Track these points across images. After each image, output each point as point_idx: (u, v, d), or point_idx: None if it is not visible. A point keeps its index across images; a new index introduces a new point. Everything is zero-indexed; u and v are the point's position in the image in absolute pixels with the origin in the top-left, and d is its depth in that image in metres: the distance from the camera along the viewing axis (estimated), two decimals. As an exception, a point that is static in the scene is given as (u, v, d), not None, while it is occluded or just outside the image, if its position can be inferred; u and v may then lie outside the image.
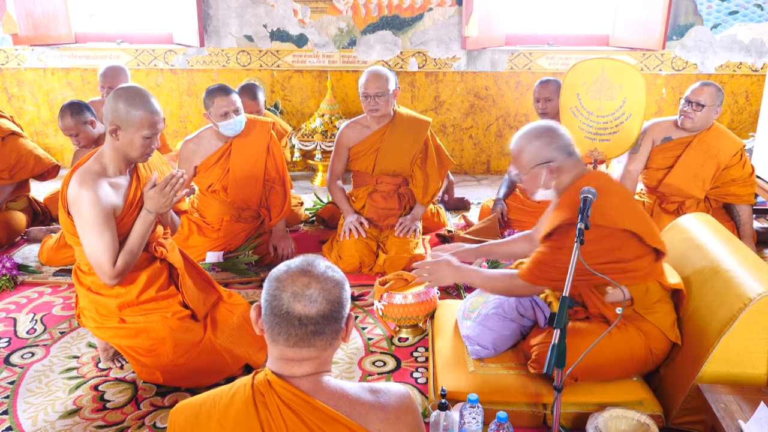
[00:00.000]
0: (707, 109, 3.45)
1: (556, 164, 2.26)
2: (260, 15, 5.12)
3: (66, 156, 5.48)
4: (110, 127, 2.28)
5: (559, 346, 1.70)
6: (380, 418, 1.31)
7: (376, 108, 3.47)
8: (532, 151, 2.28)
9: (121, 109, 2.27)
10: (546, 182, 2.28)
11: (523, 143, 2.31)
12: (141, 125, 2.28)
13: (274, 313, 1.31)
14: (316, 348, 1.32)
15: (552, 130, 2.29)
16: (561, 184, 2.29)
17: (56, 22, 5.25)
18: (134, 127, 2.28)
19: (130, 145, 2.31)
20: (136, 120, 2.27)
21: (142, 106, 2.28)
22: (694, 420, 2.17)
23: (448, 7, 5.02)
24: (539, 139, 2.27)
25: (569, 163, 2.27)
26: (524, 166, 2.31)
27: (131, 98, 2.28)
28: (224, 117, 3.35)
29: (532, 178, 2.31)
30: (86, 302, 2.50)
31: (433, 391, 2.35)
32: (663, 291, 2.29)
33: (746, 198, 3.57)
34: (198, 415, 1.34)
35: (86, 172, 2.31)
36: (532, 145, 2.28)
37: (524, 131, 2.33)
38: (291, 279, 1.32)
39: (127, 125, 2.28)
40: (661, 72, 5.08)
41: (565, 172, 2.27)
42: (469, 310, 2.57)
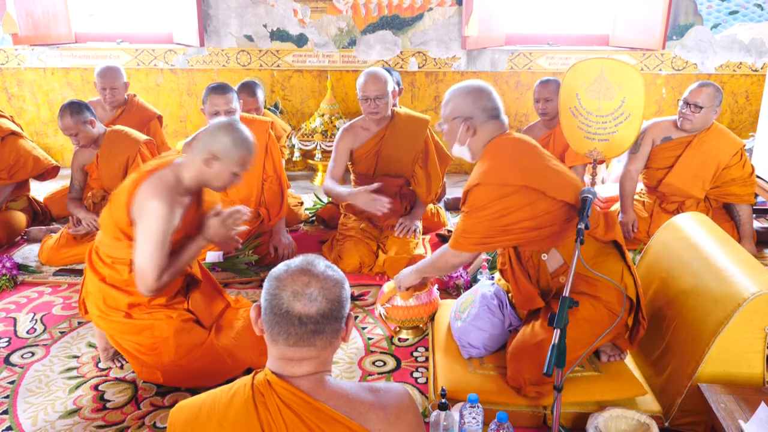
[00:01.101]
0: (706, 110, 3.44)
1: (473, 122, 2.32)
2: (260, 15, 5.12)
3: (66, 156, 5.48)
4: (206, 155, 2.33)
5: (559, 346, 1.69)
6: (380, 418, 1.31)
7: (376, 111, 3.45)
8: (457, 103, 2.35)
9: (226, 143, 2.34)
10: (462, 138, 2.34)
11: (453, 94, 2.38)
12: (237, 163, 2.37)
13: (273, 312, 1.31)
14: (316, 347, 1.32)
15: (482, 90, 2.35)
16: (475, 144, 2.35)
17: (56, 21, 5.25)
18: (230, 163, 2.36)
19: (218, 177, 2.38)
20: (235, 158, 2.35)
21: (246, 147, 2.38)
22: (693, 421, 2.17)
23: (448, 7, 5.02)
24: (469, 95, 2.34)
25: (488, 126, 2.33)
26: (446, 117, 2.38)
27: (238, 137, 2.36)
28: (215, 116, 3.33)
29: (449, 130, 2.38)
30: (95, 290, 2.48)
31: (433, 391, 2.35)
32: (598, 244, 2.29)
33: (746, 198, 3.57)
34: (198, 415, 1.34)
35: (163, 183, 2.33)
36: (459, 98, 2.35)
37: (457, 84, 2.41)
38: (291, 278, 1.32)
39: (225, 159, 2.34)
40: (661, 72, 5.09)
41: (481, 133, 2.33)
42: (460, 310, 2.58)
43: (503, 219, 2.22)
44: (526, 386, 2.19)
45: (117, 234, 2.39)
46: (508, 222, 2.22)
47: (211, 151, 2.33)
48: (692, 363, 2.15)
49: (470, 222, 2.29)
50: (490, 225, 2.24)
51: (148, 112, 4.40)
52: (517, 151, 2.31)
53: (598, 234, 2.28)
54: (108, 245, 2.46)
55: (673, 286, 2.40)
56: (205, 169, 2.35)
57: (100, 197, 3.84)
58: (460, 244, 2.34)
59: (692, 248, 2.45)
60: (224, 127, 2.38)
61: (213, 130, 2.38)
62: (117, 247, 2.41)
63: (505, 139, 2.33)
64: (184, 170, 2.38)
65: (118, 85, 4.20)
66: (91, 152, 3.74)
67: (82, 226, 3.66)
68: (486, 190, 2.23)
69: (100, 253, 2.49)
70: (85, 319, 2.83)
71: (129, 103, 4.34)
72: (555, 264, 2.32)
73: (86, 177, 3.85)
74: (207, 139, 2.36)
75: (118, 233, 2.39)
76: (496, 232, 2.24)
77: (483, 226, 2.26)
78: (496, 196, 2.21)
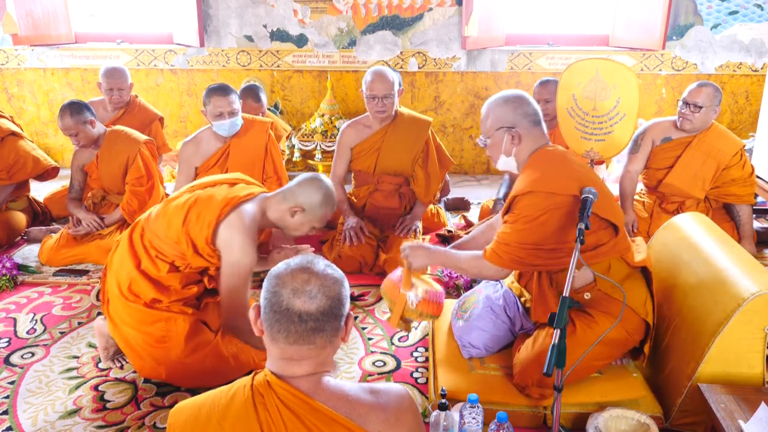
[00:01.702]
0: (705, 110, 3.44)
1: (518, 130, 2.28)
2: (260, 15, 5.12)
3: (66, 156, 5.48)
4: (294, 207, 2.44)
5: (559, 345, 1.69)
6: (380, 419, 1.31)
7: (383, 109, 3.48)
8: (498, 114, 2.31)
9: (315, 200, 2.46)
10: (507, 148, 2.31)
11: (491, 106, 2.34)
12: (320, 220, 2.51)
13: (273, 310, 1.31)
14: (316, 346, 1.32)
15: (520, 98, 2.32)
16: (521, 153, 2.30)
17: (56, 22, 5.25)
18: (313, 219, 2.49)
19: (297, 227, 2.50)
20: (319, 215, 2.49)
21: (331, 205, 2.51)
22: (693, 421, 2.17)
23: (448, 7, 5.02)
24: (508, 103, 2.31)
25: (533, 133, 2.29)
26: (488, 129, 2.34)
27: (327, 196, 2.48)
28: (219, 117, 3.36)
29: (494, 143, 2.33)
30: (124, 272, 2.49)
31: (433, 391, 2.34)
32: (629, 268, 2.28)
33: (746, 198, 3.57)
34: (198, 416, 1.34)
35: (252, 223, 2.43)
36: (499, 108, 2.31)
37: (496, 95, 2.37)
38: (291, 276, 1.32)
39: (310, 214, 2.47)
40: (661, 72, 5.09)
41: (527, 141, 2.29)
42: (462, 310, 2.57)
43: (550, 231, 2.14)
44: (532, 387, 2.20)
45: (185, 241, 2.41)
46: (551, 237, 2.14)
47: (299, 206, 2.44)
48: (692, 363, 2.15)
49: (512, 234, 2.18)
50: (538, 238, 2.14)
51: (149, 113, 4.41)
52: (566, 161, 2.26)
53: (629, 258, 2.28)
54: (163, 241, 2.47)
55: (673, 287, 2.40)
56: (288, 218, 2.47)
57: (100, 197, 3.84)
58: (499, 258, 2.21)
59: (692, 248, 2.45)
60: (316, 183, 2.47)
61: (306, 183, 2.48)
62: (173, 248, 2.45)
63: (552, 150, 2.29)
64: (269, 210, 2.49)
65: (125, 85, 4.22)
66: (91, 152, 3.75)
67: (82, 226, 3.66)
68: (537, 198, 2.15)
69: (145, 241, 2.51)
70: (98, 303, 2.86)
71: (131, 104, 4.35)
72: (583, 281, 2.27)
73: (86, 177, 3.85)
74: (298, 190, 2.46)
75: (187, 243, 2.41)
76: (536, 250, 2.16)
77: (529, 239, 2.15)
78: (546, 206, 2.13)
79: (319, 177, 2.51)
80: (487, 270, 2.29)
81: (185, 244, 2.41)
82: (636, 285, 2.28)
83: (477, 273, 2.36)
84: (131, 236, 2.55)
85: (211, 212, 2.39)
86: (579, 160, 2.34)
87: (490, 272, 2.30)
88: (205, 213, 2.40)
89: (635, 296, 2.25)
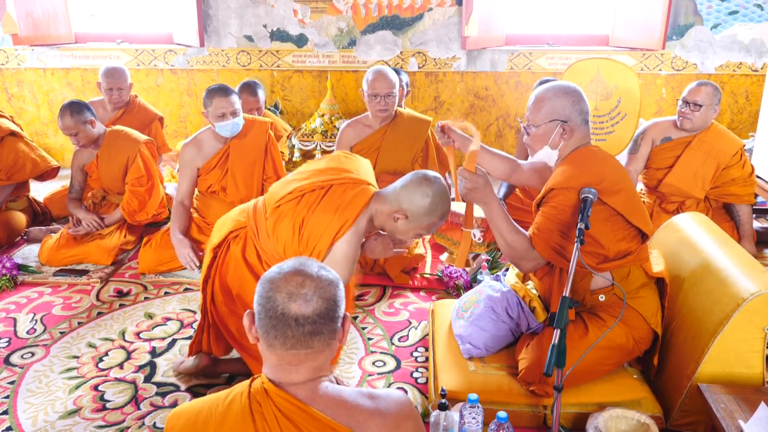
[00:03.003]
0: (705, 108, 3.45)
1: (570, 125, 2.21)
2: (260, 15, 5.12)
3: (66, 156, 5.48)
4: (396, 212, 2.16)
5: (559, 346, 1.70)
6: (379, 426, 1.30)
7: (384, 108, 3.48)
8: (555, 105, 2.21)
9: (421, 208, 2.14)
10: (555, 141, 2.24)
11: (548, 94, 2.23)
12: (426, 228, 2.21)
13: (269, 316, 1.29)
14: (314, 349, 1.30)
15: (579, 92, 2.25)
16: (566, 148, 2.25)
17: (56, 22, 5.25)
18: (420, 225, 2.19)
19: (402, 233, 2.23)
20: (425, 224, 2.18)
21: (439, 214, 2.18)
22: (693, 421, 2.17)
23: (448, 7, 5.02)
24: (567, 96, 2.21)
25: (582, 130, 2.24)
26: (541, 118, 2.22)
27: (435, 204, 2.15)
28: (221, 118, 3.35)
29: (543, 133, 2.23)
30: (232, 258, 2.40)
31: (433, 391, 2.34)
32: (646, 278, 2.28)
33: (746, 198, 3.57)
34: (195, 422, 1.33)
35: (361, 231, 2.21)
36: (557, 99, 2.21)
37: (553, 84, 2.26)
38: (284, 280, 1.30)
39: (415, 221, 2.17)
40: (661, 72, 5.08)
41: (575, 138, 2.23)
42: (463, 309, 2.57)
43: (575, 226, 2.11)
44: (538, 383, 2.20)
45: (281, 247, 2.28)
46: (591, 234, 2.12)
47: (402, 210, 2.15)
48: (692, 363, 2.15)
49: (551, 220, 2.15)
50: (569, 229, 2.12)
51: (149, 113, 4.41)
52: (607, 162, 2.23)
53: (648, 268, 2.27)
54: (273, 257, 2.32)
55: (672, 286, 2.40)
56: (390, 222, 2.20)
57: (100, 197, 3.84)
58: (540, 241, 2.17)
59: (692, 248, 2.45)
60: (424, 187, 2.14)
61: (412, 185, 2.16)
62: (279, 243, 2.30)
63: (595, 149, 2.26)
64: (377, 216, 2.22)
65: (125, 85, 4.23)
66: (91, 152, 3.75)
67: (82, 226, 3.66)
68: (573, 195, 2.12)
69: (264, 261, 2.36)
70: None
71: (131, 104, 4.35)
72: (601, 283, 2.26)
73: (86, 177, 3.86)
74: (403, 193, 2.16)
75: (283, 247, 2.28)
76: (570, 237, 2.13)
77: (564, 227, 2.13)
78: (578, 204, 2.11)
79: (429, 178, 2.17)
80: (527, 259, 2.20)
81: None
82: (650, 294, 2.28)
83: (513, 255, 2.23)
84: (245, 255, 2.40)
85: (327, 239, 2.18)
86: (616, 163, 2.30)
87: (527, 262, 2.22)
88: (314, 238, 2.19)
89: (647, 305, 2.25)
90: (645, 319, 2.24)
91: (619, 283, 2.23)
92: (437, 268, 3.42)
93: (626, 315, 2.21)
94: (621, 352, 2.25)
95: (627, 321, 2.22)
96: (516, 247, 2.21)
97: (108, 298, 3.22)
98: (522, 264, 2.25)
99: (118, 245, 3.62)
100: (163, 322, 2.99)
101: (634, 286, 2.24)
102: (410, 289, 3.30)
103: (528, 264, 2.24)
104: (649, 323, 2.24)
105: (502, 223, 2.22)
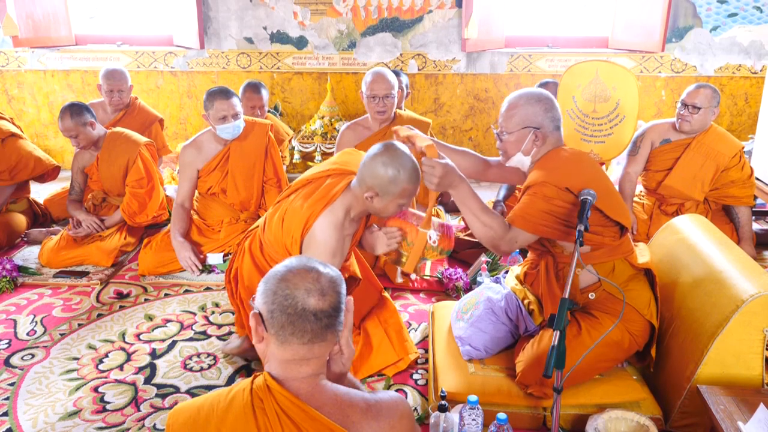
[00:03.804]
0: (704, 111, 3.45)
1: (542, 132, 2.25)
2: (260, 17, 5.13)
3: (66, 157, 5.48)
4: (368, 193, 2.19)
5: (559, 347, 1.70)
6: (373, 428, 1.31)
7: (383, 109, 3.49)
8: (527, 112, 2.25)
9: (383, 180, 2.16)
10: (527, 148, 2.28)
11: (521, 102, 2.26)
12: (400, 196, 2.21)
13: (287, 313, 1.29)
14: (327, 342, 1.33)
15: (552, 100, 2.29)
16: (538, 154, 2.29)
17: (56, 24, 5.25)
18: (392, 198, 2.20)
19: (384, 210, 2.25)
20: (396, 193, 2.19)
21: (408, 179, 2.18)
22: (692, 422, 2.17)
23: (448, 9, 5.03)
24: (539, 103, 2.25)
25: (554, 135, 2.28)
26: (514, 125, 2.26)
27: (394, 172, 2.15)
28: (223, 120, 3.36)
29: (516, 139, 2.27)
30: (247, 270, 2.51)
31: (433, 393, 2.35)
32: (633, 270, 2.29)
33: (745, 200, 3.58)
34: (196, 419, 1.34)
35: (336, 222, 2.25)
36: (530, 107, 2.25)
37: (524, 91, 2.30)
38: (299, 276, 1.32)
39: (385, 195, 2.19)
40: (660, 74, 5.09)
41: (547, 143, 2.28)
42: (462, 311, 2.58)
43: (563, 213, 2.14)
44: (534, 385, 2.21)
45: (285, 255, 2.34)
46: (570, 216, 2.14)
47: (371, 189, 2.18)
48: (691, 365, 2.15)
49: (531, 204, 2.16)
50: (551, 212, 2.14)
51: (149, 115, 4.42)
52: (579, 160, 2.26)
53: (633, 260, 2.29)
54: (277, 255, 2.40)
55: (672, 288, 2.40)
56: (369, 204, 2.23)
57: (101, 199, 3.85)
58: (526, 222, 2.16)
59: (691, 250, 2.45)
60: (379, 159, 2.16)
61: (369, 161, 2.19)
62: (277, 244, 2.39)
63: (566, 149, 2.29)
64: (354, 203, 2.27)
65: (125, 87, 4.24)
66: (91, 154, 3.75)
67: (83, 227, 3.67)
68: (549, 189, 2.15)
69: (265, 253, 2.49)
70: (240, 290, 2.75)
71: (131, 106, 4.36)
72: (588, 280, 2.29)
73: (86, 179, 3.86)
74: (365, 172, 2.19)
75: (286, 254, 2.34)
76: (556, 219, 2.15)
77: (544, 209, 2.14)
78: (556, 198, 2.15)
79: (382, 147, 2.18)
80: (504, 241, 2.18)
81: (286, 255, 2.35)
82: (639, 286, 2.28)
83: (488, 237, 2.20)
84: (251, 249, 2.52)
85: (299, 226, 2.27)
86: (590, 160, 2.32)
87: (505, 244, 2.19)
88: (295, 228, 2.28)
89: (639, 298, 2.25)
90: (638, 312, 2.24)
91: (607, 275, 2.24)
92: (437, 270, 3.42)
93: (619, 310, 2.22)
94: (617, 348, 2.24)
95: (624, 315, 2.21)
96: (492, 226, 2.18)
97: (108, 299, 3.22)
98: (500, 245, 2.22)
99: (118, 247, 3.62)
100: (163, 323, 2.99)
101: (622, 279, 2.25)
102: (410, 291, 3.30)
103: (505, 245, 2.21)
104: (644, 315, 2.24)
105: (474, 203, 2.21)
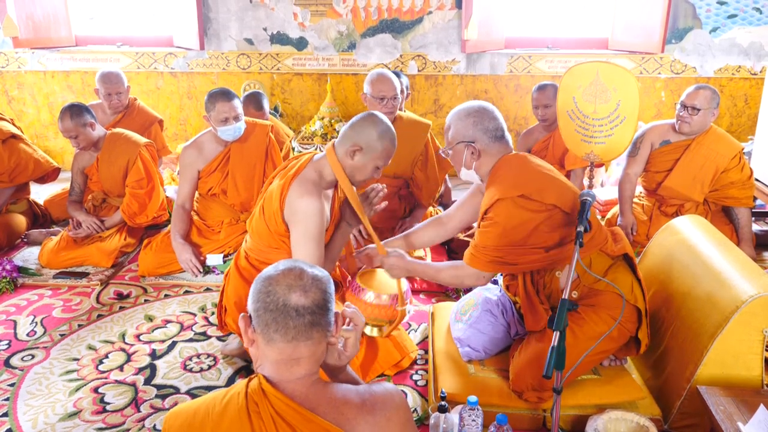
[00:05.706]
0: (703, 112, 3.46)
1: (478, 146, 2.29)
2: (260, 18, 5.13)
3: (66, 158, 5.48)
4: (352, 147, 2.28)
5: (559, 348, 1.70)
6: (369, 423, 1.32)
7: (391, 110, 3.49)
8: (458, 128, 2.31)
9: (371, 136, 2.28)
10: (467, 162, 2.32)
11: (453, 119, 2.34)
12: (381, 156, 2.31)
13: (269, 310, 1.31)
14: (314, 341, 1.33)
15: (483, 111, 2.31)
16: (482, 167, 2.32)
17: (56, 25, 5.26)
18: (375, 155, 2.30)
19: (361, 169, 2.33)
20: (379, 149, 2.29)
21: (390, 139, 2.32)
22: (692, 423, 2.17)
23: (448, 11, 5.03)
24: (468, 117, 2.30)
25: (493, 147, 2.30)
26: (449, 142, 2.35)
27: (383, 130, 2.30)
28: (224, 122, 3.37)
29: (455, 155, 2.35)
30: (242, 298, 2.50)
31: (433, 394, 2.35)
32: (610, 259, 2.29)
33: (745, 201, 3.58)
34: (192, 422, 1.35)
35: (308, 181, 2.30)
36: (459, 122, 2.31)
37: (458, 107, 2.36)
38: (282, 275, 1.34)
39: (369, 151, 2.29)
40: (660, 75, 5.10)
41: (486, 156, 2.30)
42: (461, 312, 2.58)
43: (523, 234, 2.17)
44: (528, 391, 2.20)
45: (277, 243, 2.39)
46: (528, 238, 2.17)
47: (356, 144, 2.28)
48: (691, 365, 2.16)
49: (488, 237, 2.21)
50: (510, 240, 2.18)
51: (149, 116, 4.42)
52: (526, 166, 2.28)
53: (609, 249, 2.29)
54: (263, 252, 2.46)
55: (671, 289, 2.41)
56: (347, 161, 2.31)
57: (101, 200, 3.85)
58: (479, 261, 2.25)
59: (691, 251, 2.45)
60: (369, 119, 2.31)
61: (358, 122, 2.32)
62: (275, 254, 2.40)
63: (511, 156, 2.31)
64: (325, 165, 2.34)
65: (123, 89, 4.24)
66: (91, 155, 3.75)
67: (83, 228, 3.67)
68: (506, 204, 2.18)
69: (252, 259, 2.51)
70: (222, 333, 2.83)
71: (130, 107, 4.36)
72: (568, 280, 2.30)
73: (86, 180, 3.86)
74: (351, 131, 2.31)
75: (279, 242, 2.39)
76: (515, 248, 2.18)
77: (502, 242, 2.19)
78: (515, 210, 2.17)
79: (372, 112, 2.36)
80: (468, 278, 2.32)
81: (278, 244, 2.39)
82: (620, 273, 2.28)
83: (457, 282, 2.39)
84: (237, 266, 2.55)
85: (276, 201, 2.33)
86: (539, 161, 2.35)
87: (470, 280, 2.33)
88: (272, 205, 2.34)
89: (621, 284, 2.23)
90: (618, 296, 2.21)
91: (584, 274, 2.25)
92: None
93: (603, 299, 2.22)
94: (608, 338, 2.20)
95: (606, 305, 2.21)
96: (453, 274, 2.36)
97: (108, 300, 3.23)
98: (465, 282, 2.36)
99: (118, 248, 3.62)
100: (163, 324, 2.99)
101: (600, 271, 2.25)
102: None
103: (470, 280, 2.34)
104: (628, 300, 2.22)
105: (430, 271, 2.41)
